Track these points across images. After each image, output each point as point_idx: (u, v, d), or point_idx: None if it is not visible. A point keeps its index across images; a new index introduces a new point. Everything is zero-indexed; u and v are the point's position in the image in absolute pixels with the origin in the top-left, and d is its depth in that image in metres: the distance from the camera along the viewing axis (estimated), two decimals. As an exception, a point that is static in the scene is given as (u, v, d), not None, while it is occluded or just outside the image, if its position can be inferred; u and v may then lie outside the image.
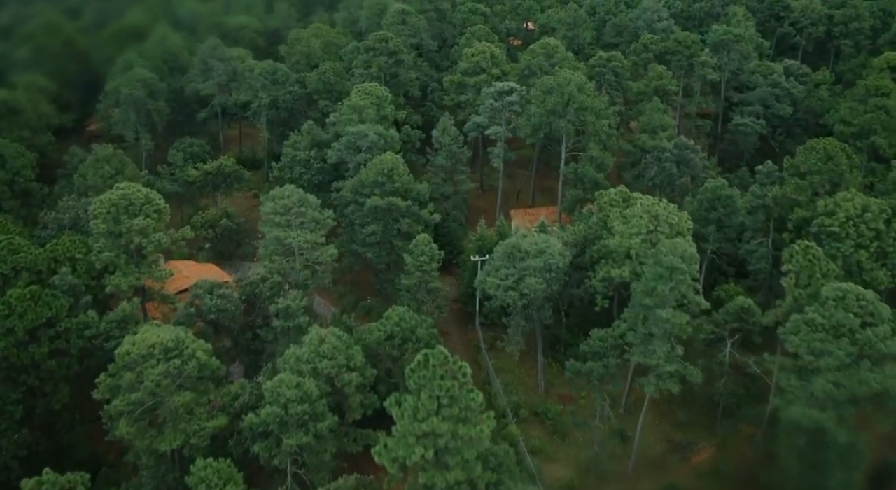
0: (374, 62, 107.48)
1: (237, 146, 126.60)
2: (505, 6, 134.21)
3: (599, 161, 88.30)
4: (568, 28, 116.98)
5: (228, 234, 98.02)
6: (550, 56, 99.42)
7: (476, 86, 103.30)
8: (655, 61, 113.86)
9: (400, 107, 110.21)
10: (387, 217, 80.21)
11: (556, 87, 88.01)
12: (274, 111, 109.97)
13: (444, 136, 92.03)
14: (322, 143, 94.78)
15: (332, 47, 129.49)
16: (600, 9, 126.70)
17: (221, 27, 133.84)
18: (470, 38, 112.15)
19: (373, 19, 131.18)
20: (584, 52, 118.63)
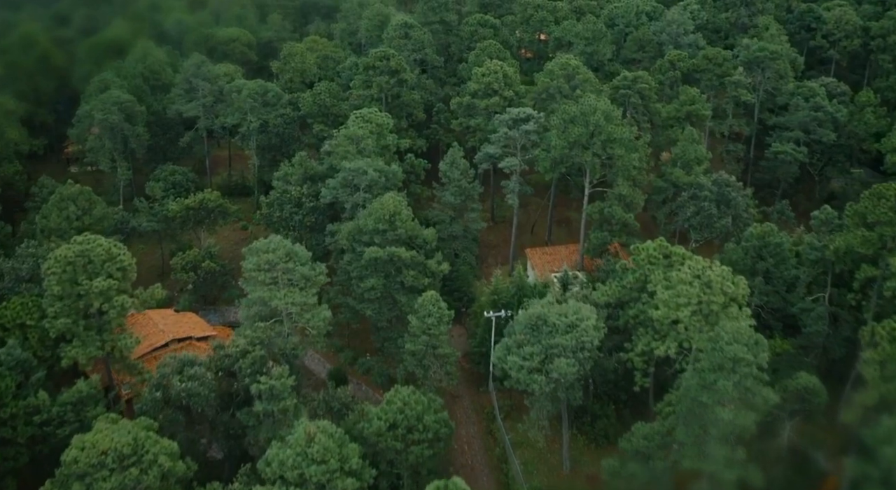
0: (375, 82, 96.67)
1: (226, 169, 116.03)
2: (516, 17, 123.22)
3: (629, 200, 77.54)
4: (586, 43, 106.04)
5: (212, 277, 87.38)
6: (571, 77, 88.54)
7: (487, 109, 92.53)
8: (683, 80, 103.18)
9: (402, 131, 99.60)
10: (388, 269, 69.55)
11: (579, 116, 77.19)
12: (264, 135, 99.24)
13: (453, 170, 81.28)
14: (316, 177, 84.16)
15: (329, 62, 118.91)
16: (619, 20, 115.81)
17: (209, 40, 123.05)
18: (480, 55, 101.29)
19: (373, 31, 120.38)
20: (603, 68, 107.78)
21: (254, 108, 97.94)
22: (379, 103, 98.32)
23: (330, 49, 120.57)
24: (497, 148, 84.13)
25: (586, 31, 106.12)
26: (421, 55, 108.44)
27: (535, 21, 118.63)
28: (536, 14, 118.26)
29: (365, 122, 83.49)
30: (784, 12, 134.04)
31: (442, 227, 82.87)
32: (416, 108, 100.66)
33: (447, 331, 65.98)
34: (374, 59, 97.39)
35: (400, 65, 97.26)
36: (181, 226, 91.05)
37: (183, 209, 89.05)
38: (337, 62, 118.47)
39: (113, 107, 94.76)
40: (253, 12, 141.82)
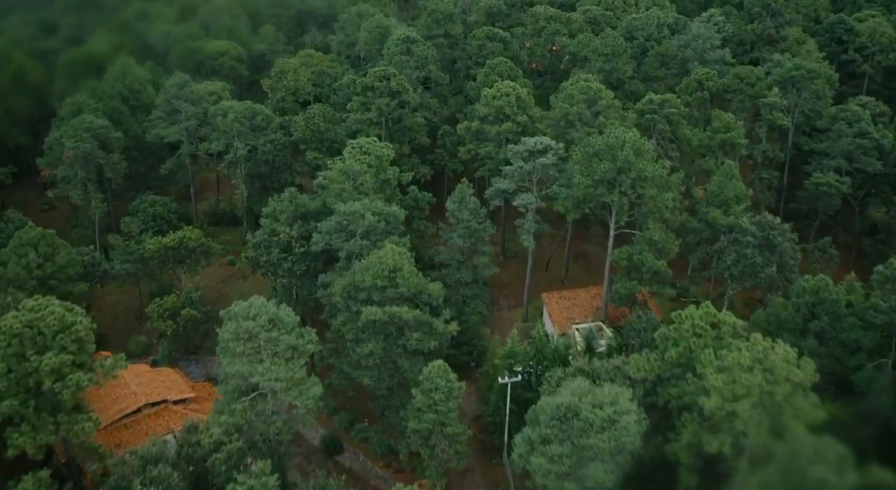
0: (374, 105, 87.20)
1: (213, 193, 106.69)
2: (526, 29, 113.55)
3: (660, 245, 68.18)
4: (605, 59, 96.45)
5: (193, 325, 78.09)
6: (592, 102, 78.98)
7: (499, 136, 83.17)
8: (711, 101, 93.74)
9: (404, 157, 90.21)
10: (388, 329, 60.24)
11: (605, 150, 67.85)
12: (252, 163, 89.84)
13: (462, 210, 71.85)
14: (308, 215, 74.80)
15: (325, 79, 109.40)
16: (639, 34, 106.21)
17: (196, 55, 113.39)
18: (489, 75, 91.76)
19: (372, 45, 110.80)
20: (623, 87, 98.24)
21: (241, 132, 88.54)
22: (378, 127, 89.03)
23: (326, 64, 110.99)
24: (510, 182, 74.72)
25: (605, 46, 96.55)
26: (424, 73, 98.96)
27: (548, 33, 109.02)
28: (549, 26, 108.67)
29: (362, 154, 74.10)
30: (811, 23, 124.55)
31: (449, 271, 73.55)
32: (420, 132, 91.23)
33: (457, 405, 56.80)
34: (373, 79, 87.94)
35: (401, 85, 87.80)
36: (160, 266, 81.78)
37: (161, 249, 79.76)
38: (333, 79, 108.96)
39: (85, 133, 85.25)
40: (245, 23, 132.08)
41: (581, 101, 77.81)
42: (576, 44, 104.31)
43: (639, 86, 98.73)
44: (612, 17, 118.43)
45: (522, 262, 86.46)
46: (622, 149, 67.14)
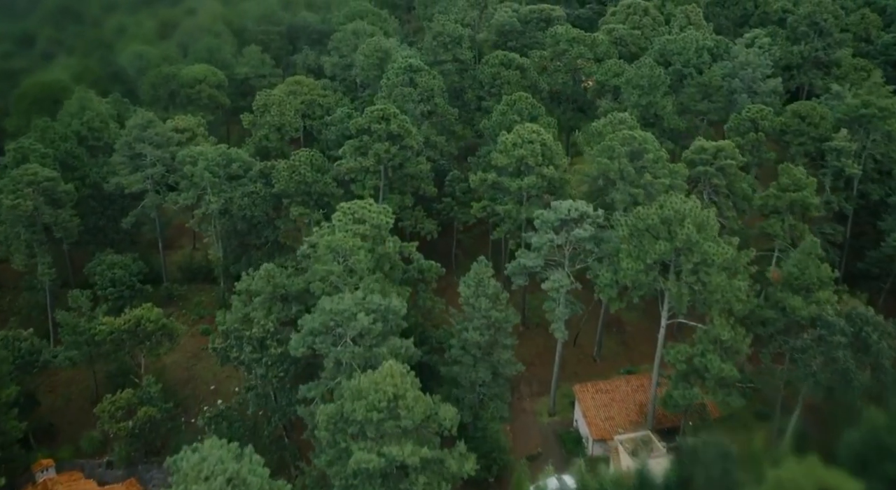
0: (371, 150, 72.58)
1: (189, 241, 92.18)
2: (545, 52, 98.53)
3: (728, 344, 53.63)
4: (640, 93, 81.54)
5: (153, 425, 63.67)
6: (637, 155, 64.17)
7: (520, 191, 68.61)
8: (768, 142, 78.97)
9: (407, 210, 75.78)
10: (387, 471, 45.77)
11: (659, 225, 53.24)
12: (228, 219, 75.27)
13: (479, 299, 57.09)
14: (289, 297, 60.46)
15: (316, 110, 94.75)
16: (675, 59, 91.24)
17: (170, 83, 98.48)
18: (506, 113, 76.88)
19: (370, 70, 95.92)
20: (660, 123, 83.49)
21: (214, 184, 73.93)
22: (376, 176, 74.46)
23: (317, 92, 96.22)
24: (538, 257, 60.01)
25: (640, 77, 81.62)
26: (429, 106, 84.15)
27: (570, 57, 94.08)
28: (571, 49, 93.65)
29: (355, 223, 59.47)
30: (861, 42, 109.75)
31: (463, 370, 58.95)
32: (425, 181, 76.69)
33: None
34: (369, 120, 73.23)
35: (403, 128, 73.12)
36: (114, 350, 67.31)
37: (114, 331, 65.29)
38: (326, 110, 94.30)
39: (28, 188, 70.59)
40: (229, 41, 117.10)
41: (623, 155, 62.96)
42: (604, 71, 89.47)
43: (678, 122, 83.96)
44: (640, 38, 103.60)
45: (546, 333, 71.91)
46: (681, 224, 52.53)
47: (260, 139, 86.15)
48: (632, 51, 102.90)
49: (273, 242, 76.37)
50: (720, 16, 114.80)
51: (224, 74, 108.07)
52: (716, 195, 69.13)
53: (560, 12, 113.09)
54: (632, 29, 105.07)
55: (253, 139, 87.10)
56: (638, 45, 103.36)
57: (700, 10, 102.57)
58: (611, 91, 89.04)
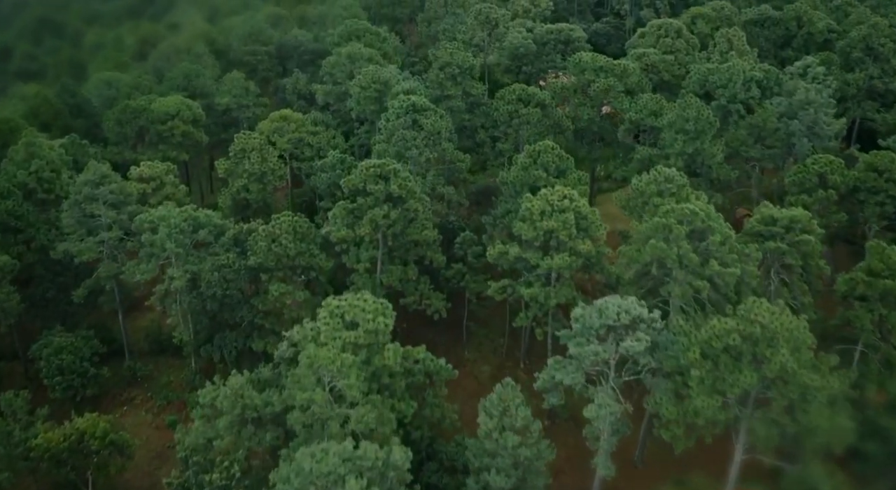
0: (367, 217, 59.25)
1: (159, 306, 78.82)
2: (567, 81, 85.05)
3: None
4: (686, 139, 68.06)
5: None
6: (699, 236, 50.66)
7: (549, 271, 55.34)
8: (839, 200, 65.67)
9: (410, 283, 62.57)
10: None
11: (741, 345, 40.01)
12: (196, 297, 61.97)
13: (504, 433, 43.77)
14: (264, 420, 47.25)
15: (305, 150, 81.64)
16: (720, 93, 77.76)
17: (139, 119, 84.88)
18: (529, 167, 63.28)
19: (367, 105, 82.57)
20: (707, 174, 70.14)
21: (179, 255, 60.62)
22: (373, 246, 61.20)
23: (307, 128, 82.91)
24: (577, 372, 46.70)
25: (685, 119, 68.09)
26: (436, 152, 70.69)
27: (597, 89, 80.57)
28: (599, 80, 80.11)
29: (346, 328, 46.09)
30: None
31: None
32: (432, 249, 63.38)
33: None
34: (363, 179, 59.75)
35: (406, 188, 59.75)
36: (55, 466, 54.15)
37: (53, 447, 52.21)
38: (317, 151, 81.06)
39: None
40: (211, 65, 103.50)
41: (682, 236, 49.52)
42: (640, 109, 76.04)
43: (728, 172, 70.60)
44: (674, 65, 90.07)
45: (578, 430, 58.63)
46: (771, 345, 39.25)
47: (238, 190, 72.88)
48: (664, 78, 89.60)
49: (250, 323, 63.07)
50: (759, 37, 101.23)
51: (202, 104, 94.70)
52: (787, 275, 55.85)
53: (580, 32, 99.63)
54: (664, 53, 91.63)
55: (230, 189, 73.79)
56: (671, 73, 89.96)
57: (743, 35, 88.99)
58: (647, 131, 75.69)
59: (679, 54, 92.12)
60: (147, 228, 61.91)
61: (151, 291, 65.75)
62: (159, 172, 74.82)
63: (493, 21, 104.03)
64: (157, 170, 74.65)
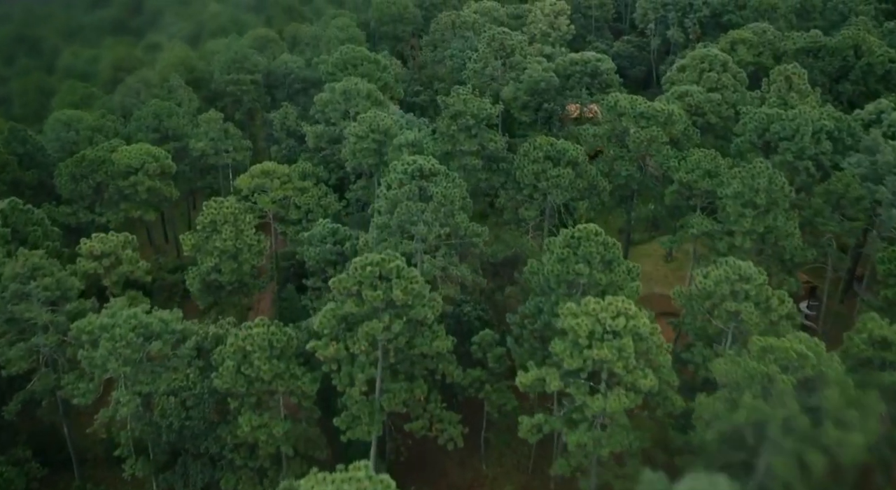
0: (363, 329, 45.58)
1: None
2: (598, 129, 71.07)
3: None
4: (755, 214, 54.24)
5: None
6: (806, 382, 37.06)
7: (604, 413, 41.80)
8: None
9: (416, 404, 49.04)
10: None
11: None
12: (149, 426, 48.35)
13: None
14: None
15: (291, 210, 68.11)
16: (785, 147, 63.88)
17: (96, 173, 71.06)
18: (567, 260, 49.30)
19: (365, 158, 68.81)
20: (778, 253, 56.40)
21: (129, 378, 47.04)
22: (371, 364, 47.57)
23: (294, 185, 69.23)
24: None
25: (753, 190, 54.19)
26: (448, 227, 56.93)
27: (638, 140, 66.64)
28: (641, 131, 66.16)
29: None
30: None
31: None
32: (447, 362, 49.75)
33: None
34: (356, 281, 45.93)
35: (412, 292, 46.02)
36: None
37: None
38: (305, 213, 67.46)
39: None
40: (187, 99, 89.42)
41: (789, 390, 35.85)
42: (691, 168, 62.13)
43: (805, 252, 56.87)
44: (721, 105, 76.16)
45: None
46: None
47: (208, 271, 59.18)
48: (710, 122, 75.84)
49: (218, 454, 49.53)
50: (813, 68, 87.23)
51: (176, 148, 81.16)
52: None
53: (608, 63, 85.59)
54: (708, 90, 77.76)
55: (199, 269, 60.05)
56: (718, 115, 76.18)
57: (804, 73, 74.86)
58: (700, 195, 61.88)
59: (726, 91, 78.25)
60: (86, 341, 48.25)
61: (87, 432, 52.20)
62: (114, 246, 61.16)
63: (508, 48, 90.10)
64: (111, 244, 60.99)
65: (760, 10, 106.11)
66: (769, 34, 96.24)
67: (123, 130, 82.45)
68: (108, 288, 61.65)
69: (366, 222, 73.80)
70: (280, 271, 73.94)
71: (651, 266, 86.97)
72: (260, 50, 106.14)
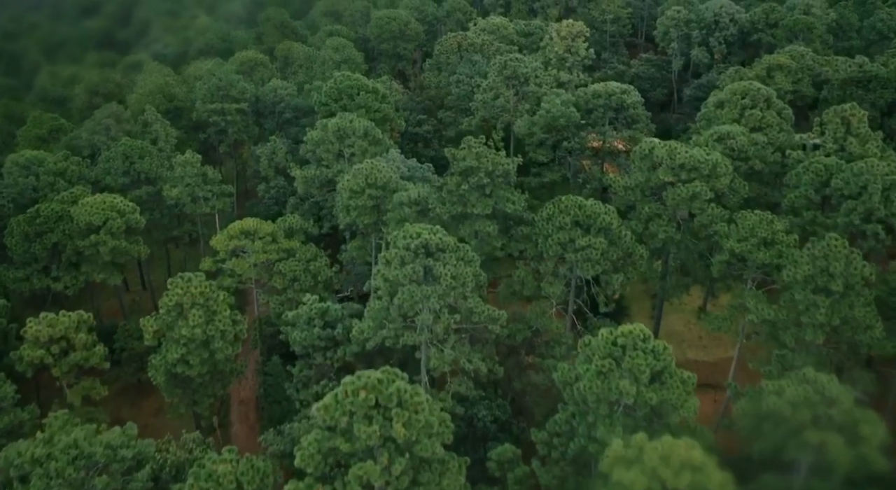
0: (354, 474, 35.63)
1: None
2: (628, 180, 60.86)
3: None
4: (829, 302, 44.28)
5: None
6: None
7: None
8: None
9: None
10: None
11: None
12: None
13: None
14: None
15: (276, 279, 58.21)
16: (850, 207, 53.80)
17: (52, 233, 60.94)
18: (610, 375, 39.21)
19: (361, 217, 58.69)
20: (854, 348, 46.37)
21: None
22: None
23: (277, 248, 59.18)
24: None
25: (828, 275, 44.10)
26: (459, 313, 46.82)
27: (678, 198, 56.29)
28: (682, 187, 55.91)
29: None
30: None
31: None
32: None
33: None
34: (346, 411, 35.91)
35: (418, 426, 36.02)
36: None
37: None
38: (291, 281, 57.40)
39: None
40: (164, 136, 79.11)
41: None
42: (744, 235, 51.97)
43: (885, 345, 46.89)
44: (766, 148, 65.82)
45: None
46: None
47: (173, 363, 49.19)
48: (755, 168, 65.78)
49: None
50: (863, 101, 76.87)
51: (150, 193, 71.36)
52: None
53: (635, 96, 75.16)
54: (752, 130, 67.61)
55: (163, 358, 50.04)
56: (764, 159, 66.12)
57: (864, 114, 64.55)
58: (756, 268, 51.80)
59: (771, 131, 68.12)
60: (14, 477, 38.34)
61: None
62: (66, 328, 51.31)
63: (521, 77, 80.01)
64: (61, 326, 51.11)
65: (795, 30, 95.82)
66: (808, 59, 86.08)
67: (90, 173, 72.34)
68: (58, 379, 51.86)
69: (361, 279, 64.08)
70: (263, 339, 64.09)
71: (681, 324, 76.94)
72: (248, 74, 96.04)
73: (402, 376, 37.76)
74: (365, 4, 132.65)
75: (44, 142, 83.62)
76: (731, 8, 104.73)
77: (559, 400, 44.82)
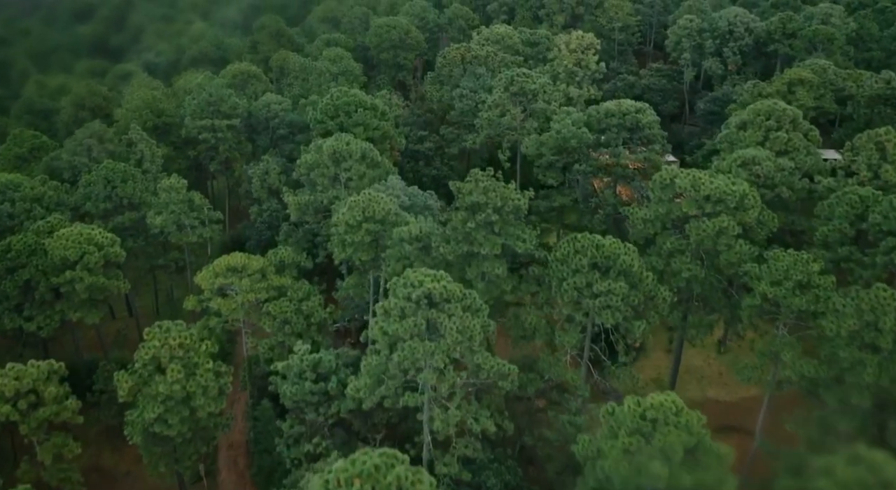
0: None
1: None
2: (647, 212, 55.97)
3: None
4: (878, 360, 39.50)
5: None
6: None
7: None
8: None
9: None
10: None
11: None
12: None
13: None
14: None
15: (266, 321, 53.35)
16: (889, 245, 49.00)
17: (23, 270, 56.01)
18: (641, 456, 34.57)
19: (358, 253, 53.72)
20: None
21: None
22: None
23: (267, 285, 54.30)
24: None
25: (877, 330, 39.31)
26: (465, 371, 41.97)
27: (704, 234, 51.37)
28: (707, 221, 50.92)
29: None
30: None
31: None
32: None
33: None
34: (345, 495, 31.31)
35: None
36: None
37: None
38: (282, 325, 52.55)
39: None
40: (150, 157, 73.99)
41: None
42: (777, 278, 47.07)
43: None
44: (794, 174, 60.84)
45: None
46: None
47: (150, 423, 44.32)
48: (783, 196, 60.83)
49: None
50: (893, 120, 72.09)
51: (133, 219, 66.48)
52: None
53: (650, 115, 70.10)
54: (777, 154, 62.65)
55: (140, 415, 45.18)
56: (791, 187, 61.18)
57: (899, 138, 59.70)
58: (791, 313, 46.87)
59: (798, 155, 63.16)
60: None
61: None
62: (35, 380, 46.46)
63: (529, 93, 75.08)
64: (29, 377, 46.27)
65: (815, 41, 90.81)
66: (830, 73, 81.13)
67: (69, 199, 67.46)
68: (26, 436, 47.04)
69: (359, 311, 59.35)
70: (253, 381, 59.26)
71: (700, 359, 72.14)
72: (240, 88, 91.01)
73: (402, 459, 32.87)
74: (364, 10, 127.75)
75: (24, 161, 78.82)
76: (746, 17, 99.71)
77: (573, 459, 40.28)
